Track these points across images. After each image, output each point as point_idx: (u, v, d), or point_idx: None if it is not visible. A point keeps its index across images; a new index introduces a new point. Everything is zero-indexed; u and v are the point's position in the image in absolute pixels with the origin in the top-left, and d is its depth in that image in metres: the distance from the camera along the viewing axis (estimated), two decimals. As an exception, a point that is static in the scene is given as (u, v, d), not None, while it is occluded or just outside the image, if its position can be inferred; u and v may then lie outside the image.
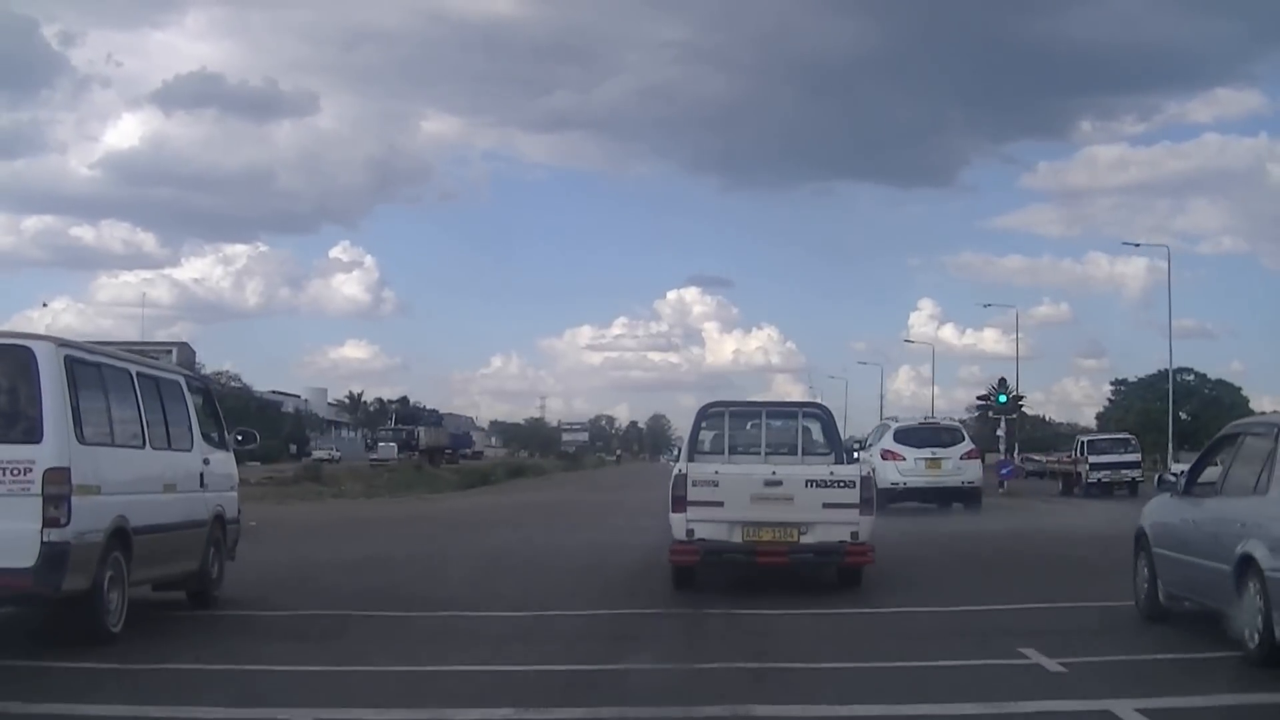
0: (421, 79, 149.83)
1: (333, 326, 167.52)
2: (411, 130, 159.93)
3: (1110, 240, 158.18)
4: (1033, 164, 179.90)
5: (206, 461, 11.66)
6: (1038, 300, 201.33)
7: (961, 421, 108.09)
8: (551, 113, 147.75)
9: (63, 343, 9.21)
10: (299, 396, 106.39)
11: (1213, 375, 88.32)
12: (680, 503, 12.15)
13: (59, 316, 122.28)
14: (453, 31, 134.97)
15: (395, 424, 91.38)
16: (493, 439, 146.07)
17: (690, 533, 12.11)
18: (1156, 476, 12.80)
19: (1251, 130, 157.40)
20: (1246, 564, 8.42)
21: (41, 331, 10.43)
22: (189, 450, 11.35)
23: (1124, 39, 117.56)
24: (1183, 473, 10.70)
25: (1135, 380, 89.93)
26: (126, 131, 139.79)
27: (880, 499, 14.52)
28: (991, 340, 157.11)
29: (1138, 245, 65.61)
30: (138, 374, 10.39)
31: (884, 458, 27.42)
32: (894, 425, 30.60)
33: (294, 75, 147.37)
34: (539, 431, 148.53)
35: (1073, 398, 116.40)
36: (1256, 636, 8.22)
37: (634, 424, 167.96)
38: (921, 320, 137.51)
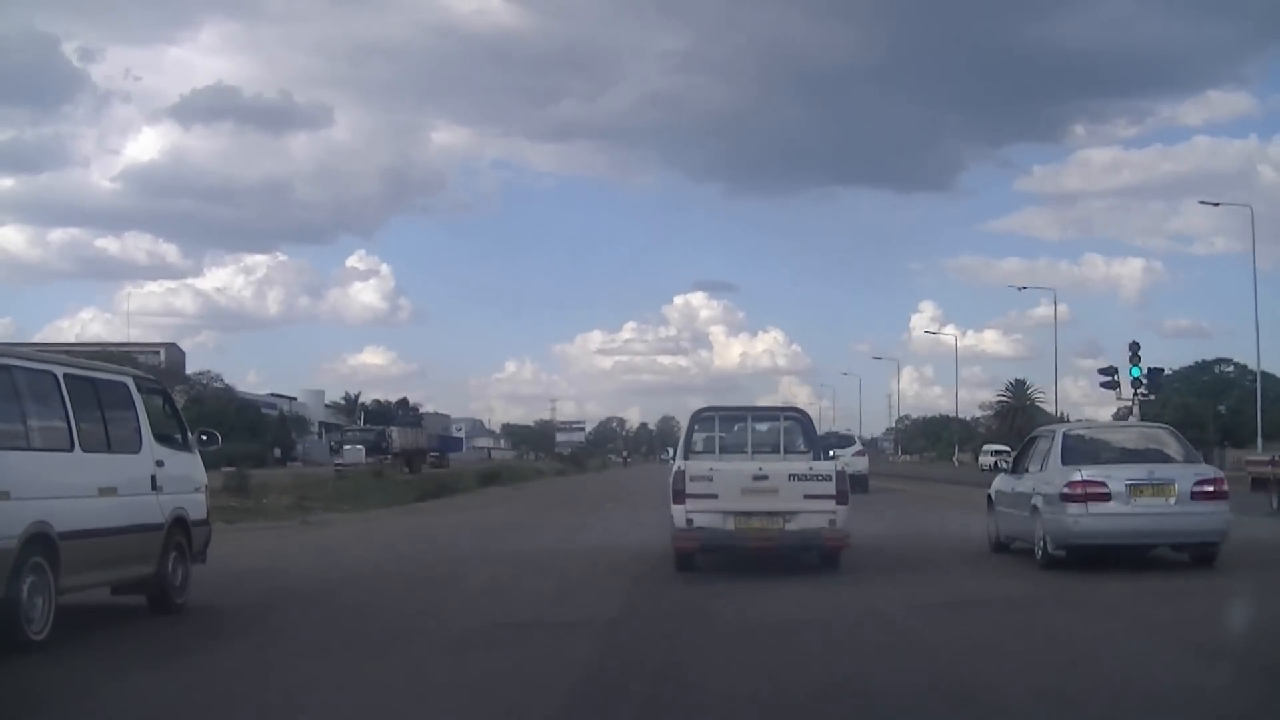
0: (431, 91, 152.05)
1: (351, 334, 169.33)
2: (423, 141, 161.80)
3: (1105, 241, 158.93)
4: (1028, 168, 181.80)
5: (160, 463, 11.32)
6: (1035, 301, 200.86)
7: (976, 419, 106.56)
8: (558, 122, 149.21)
9: None
10: (294, 399, 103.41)
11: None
12: (680, 495, 13.53)
13: (87, 326, 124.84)
14: (460, 44, 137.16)
15: (364, 424, 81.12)
16: (501, 441, 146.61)
17: (690, 522, 13.49)
18: (994, 464, 21.18)
19: (1242, 132, 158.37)
20: (1035, 510, 14.28)
21: (60, 340, 10.03)
22: (136, 452, 11.03)
23: (1116, 43, 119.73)
24: (1010, 461, 17.26)
25: (1171, 373, 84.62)
26: (146, 145, 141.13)
27: None
28: (992, 341, 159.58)
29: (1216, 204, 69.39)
30: (65, 375, 10.04)
31: None
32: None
33: (307, 89, 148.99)
34: (546, 433, 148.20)
35: (1071, 397, 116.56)
36: (1040, 552, 14.17)
37: (644, 425, 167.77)
38: (923, 322, 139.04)
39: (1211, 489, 13.63)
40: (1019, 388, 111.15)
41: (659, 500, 15.91)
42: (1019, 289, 71.57)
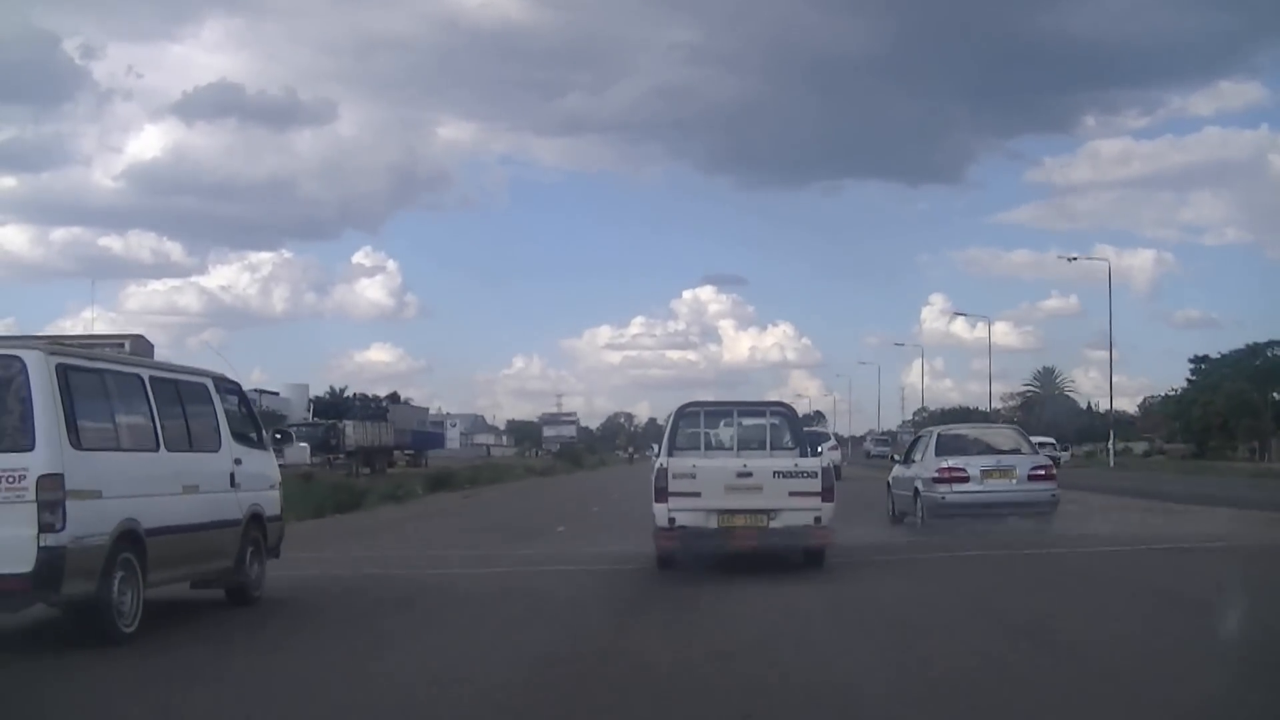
0: (436, 86, 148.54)
1: (358, 330, 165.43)
2: (428, 137, 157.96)
3: (1116, 233, 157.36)
4: (1038, 159, 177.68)
5: (238, 461, 11.65)
6: (1046, 293, 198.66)
7: (997, 411, 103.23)
8: (565, 116, 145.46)
9: (54, 351, 9.19)
10: (276, 394, 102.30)
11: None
12: (662, 494, 13.28)
13: (91, 325, 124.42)
14: (465, 38, 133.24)
15: (311, 417, 67.02)
16: (504, 438, 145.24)
17: (672, 520, 13.25)
18: (890, 455, 26.09)
19: (1253, 122, 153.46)
20: (916, 491, 19.15)
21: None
22: (215, 451, 11.34)
23: (1126, 33, 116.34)
24: (905, 454, 21.48)
25: (1219, 356, 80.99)
26: (149, 142, 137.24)
27: None
28: (1002, 333, 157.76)
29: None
30: (151, 379, 10.37)
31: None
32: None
33: (311, 84, 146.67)
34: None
35: (1083, 389, 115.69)
36: (920, 521, 19.04)
37: (652, 420, 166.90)
38: (933, 315, 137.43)
39: (1043, 473, 18.78)
40: (1046, 376, 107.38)
41: (643, 518, 14.54)
42: (1070, 259, 69.22)
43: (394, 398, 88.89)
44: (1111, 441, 67.17)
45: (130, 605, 9.35)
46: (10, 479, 8.51)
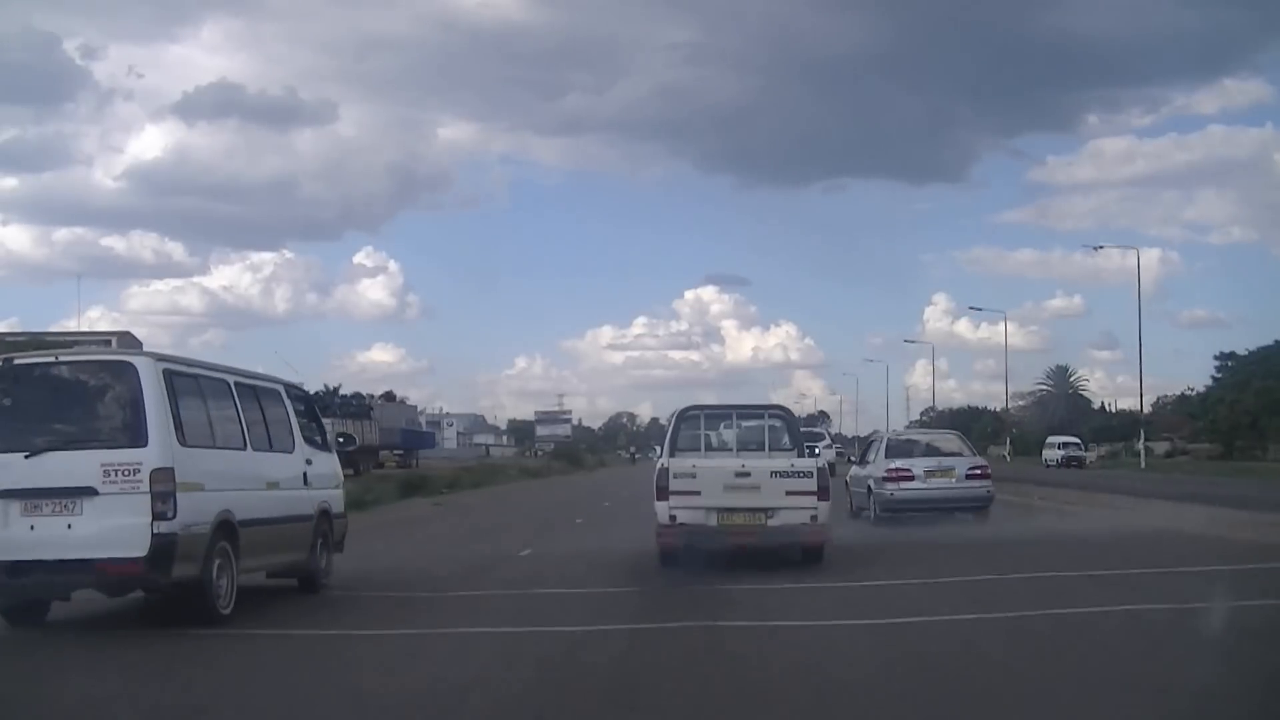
0: (436, 86, 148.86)
1: (360, 331, 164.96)
2: (429, 137, 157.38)
3: (1119, 232, 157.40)
4: (1041, 158, 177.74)
5: (309, 462, 12.64)
6: (1050, 293, 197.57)
7: (1007, 410, 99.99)
8: (565, 116, 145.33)
9: (161, 357, 10.23)
10: None
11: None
12: (664, 492, 13.89)
13: (94, 325, 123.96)
14: (465, 38, 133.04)
15: None
16: (505, 438, 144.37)
17: (673, 518, 13.82)
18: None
19: (1258, 120, 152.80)
20: (869, 489, 21.30)
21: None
22: (290, 451, 12.32)
23: (1129, 31, 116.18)
24: (860, 456, 23.97)
25: (1247, 353, 77.85)
26: (150, 143, 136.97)
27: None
28: (1007, 332, 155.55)
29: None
30: (235, 384, 11.40)
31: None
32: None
33: (311, 85, 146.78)
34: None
35: (1089, 389, 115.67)
36: (873, 515, 20.83)
37: (655, 420, 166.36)
38: (936, 315, 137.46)
39: (979, 472, 20.96)
40: (1060, 375, 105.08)
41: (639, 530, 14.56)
42: (1095, 249, 67.58)
43: (389, 396, 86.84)
44: (1142, 441, 65.87)
45: (226, 589, 10.34)
46: (126, 472, 9.49)
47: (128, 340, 56.68)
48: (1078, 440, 70.71)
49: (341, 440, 14.11)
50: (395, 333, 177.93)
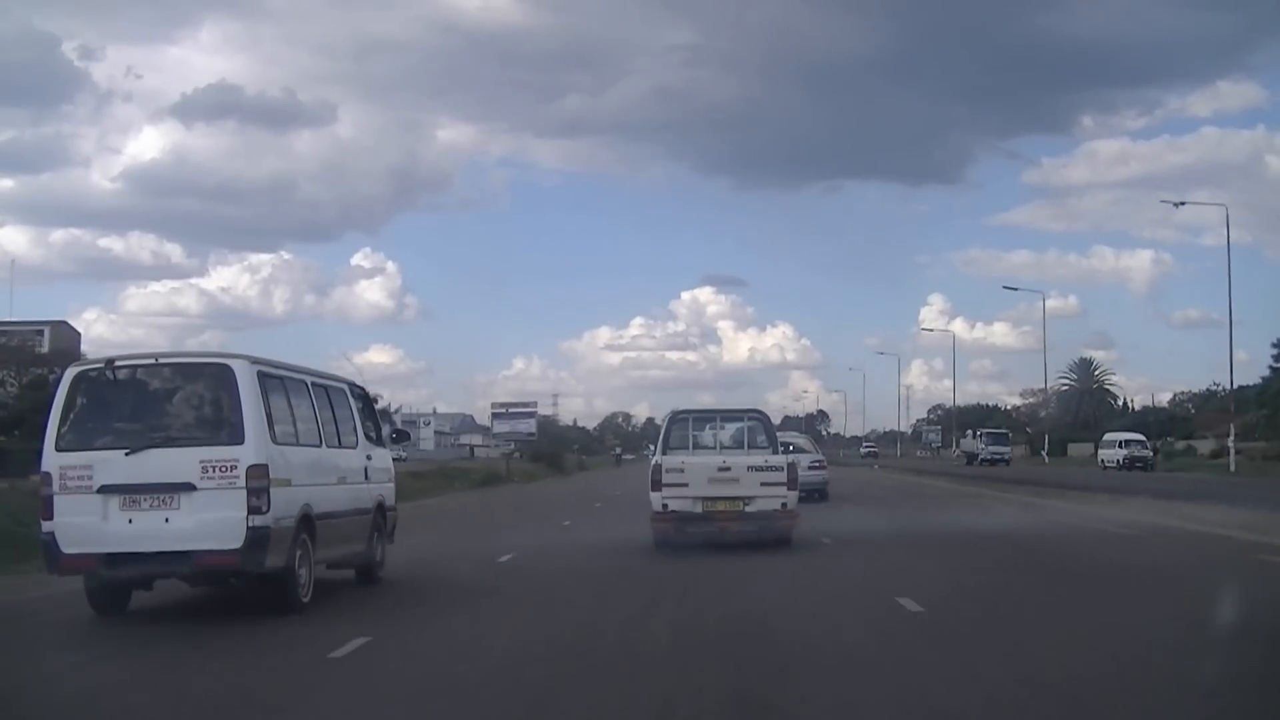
0: (435, 88, 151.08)
1: (358, 332, 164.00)
2: (428, 139, 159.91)
3: (1113, 234, 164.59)
4: (1037, 159, 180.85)
5: (369, 457, 13.38)
6: (1047, 294, 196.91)
7: (1016, 408, 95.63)
8: (564, 118, 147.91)
9: (254, 360, 10.92)
10: None
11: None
12: (657, 484, 16.47)
13: (91, 327, 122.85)
14: (465, 40, 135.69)
15: None
16: (494, 438, 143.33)
17: (665, 506, 16.44)
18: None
19: (1250, 123, 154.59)
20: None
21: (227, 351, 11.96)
22: (354, 448, 13.03)
23: (1124, 34, 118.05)
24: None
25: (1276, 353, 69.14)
26: (148, 144, 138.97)
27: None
28: (1001, 333, 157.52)
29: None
30: (312, 383, 12.13)
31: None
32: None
33: (310, 86, 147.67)
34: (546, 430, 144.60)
35: (1116, 384, 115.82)
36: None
37: (650, 420, 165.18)
38: (932, 315, 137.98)
39: (820, 464, 29.66)
40: (1084, 368, 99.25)
41: None
42: (1176, 204, 65.75)
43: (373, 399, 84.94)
44: (1232, 438, 52.93)
45: (305, 579, 11.07)
46: (223, 469, 10.20)
47: (63, 332, 55.28)
48: (1142, 438, 62.14)
49: (394, 436, 14.83)
50: (393, 334, 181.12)
